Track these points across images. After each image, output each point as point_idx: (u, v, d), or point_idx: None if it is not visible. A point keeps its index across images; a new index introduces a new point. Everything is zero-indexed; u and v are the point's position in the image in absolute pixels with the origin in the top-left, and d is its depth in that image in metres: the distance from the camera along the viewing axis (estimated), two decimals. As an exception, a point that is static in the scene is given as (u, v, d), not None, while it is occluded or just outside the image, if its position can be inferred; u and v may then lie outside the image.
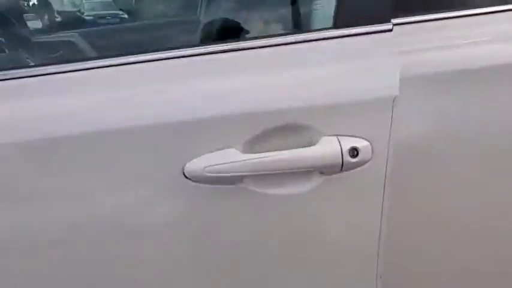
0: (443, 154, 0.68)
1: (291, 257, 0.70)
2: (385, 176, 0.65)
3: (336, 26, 0.66)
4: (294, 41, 0.66)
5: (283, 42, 0.67)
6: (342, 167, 0.63)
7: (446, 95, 0.66)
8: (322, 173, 0.65)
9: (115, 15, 2.29)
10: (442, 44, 0.67)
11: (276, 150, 0.64)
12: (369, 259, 0.69)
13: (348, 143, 0.63)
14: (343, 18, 0.66)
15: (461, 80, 0.66)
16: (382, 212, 0.66)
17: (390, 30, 0.65)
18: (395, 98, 0.63)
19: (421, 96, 0.66)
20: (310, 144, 0.64)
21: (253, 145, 0.64)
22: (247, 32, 0.89)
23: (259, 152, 0.63)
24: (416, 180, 0.68)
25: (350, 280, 0.72)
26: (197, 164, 0.62)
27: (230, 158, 0.63)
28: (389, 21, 0.66)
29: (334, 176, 0.65)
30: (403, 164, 0.65)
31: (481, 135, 0.68)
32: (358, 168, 0.64)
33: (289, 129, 0.64)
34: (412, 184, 0.68)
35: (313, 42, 0.66)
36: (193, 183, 0.63)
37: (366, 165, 0.64)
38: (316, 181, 0.65)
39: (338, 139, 0.63)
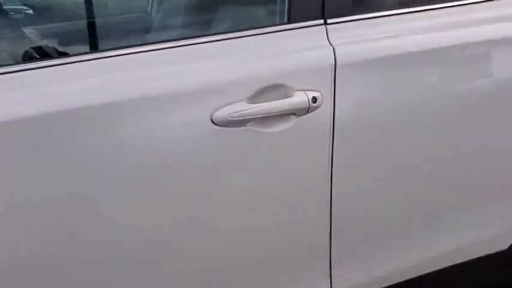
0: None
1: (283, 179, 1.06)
2: (333, 115, 1.05)
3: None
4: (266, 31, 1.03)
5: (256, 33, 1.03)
6: (308, 109, 1.01)
7: (369, 73, 1.09)
8: (294, 114, 1.02)
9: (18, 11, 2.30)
10: (363, 39, 1.10)
11: (266, 101, 0.99)
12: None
13: (310, 94, 1.02)
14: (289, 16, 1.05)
15: (378, 63, 1.09)
16: (331, 136, 1.06)
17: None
18: (334, 65, 1.03)
19: (352, 73, 1.07)
20: (287, 96, 1.01)
21: (254, 99, 0.98)
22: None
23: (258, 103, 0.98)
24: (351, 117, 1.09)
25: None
26: (221, 113, 0.95)
27: (241, 107, 0.96)
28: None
29: (302, 116, 1.02)
30: (341, 108, 1.06)
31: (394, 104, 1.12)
32: (317, 110, 1.03)
33: (274, 87, 1.00)
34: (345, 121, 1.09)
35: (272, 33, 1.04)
36: (218, 127, 0.95)
37: (320, 108, 1.03)
38: (292, 121, 1.02)
39: (305, 92, 1.01)
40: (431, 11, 1.18)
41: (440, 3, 1.18)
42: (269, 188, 1.05)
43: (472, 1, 1.22)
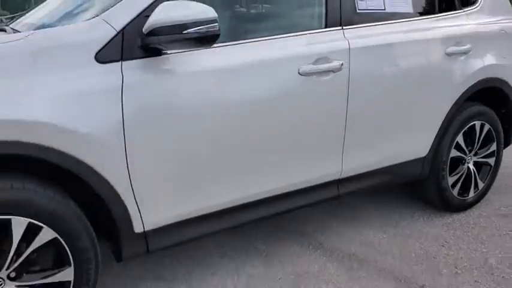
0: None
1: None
2: (349, 72, 2.13)
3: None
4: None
5: (313, 32, 2.09)
6: (339, 69, 2.09)
7: (365, 54, 2.19)
8: (333, 71, 2.08)
9: None
10: (362, 36, 2.21)
11: (321, 65, 2.05)
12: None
13: (340, 62, 2.09)
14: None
15: (368, 49, 2.20)
16: (348, 83, 2.14)
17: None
18: (348, 49, 2.11)
19: (357, 53, 2.16)
20: (329, 63, 2.07)
21: (316, 63, 2.03)
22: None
23: (318, 65, 2.04)
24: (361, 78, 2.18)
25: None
26: (302, 69, 1.98)
27: (311, 67, 2.01)
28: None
29: (337, 72, 2.09)
30: (352, 70, 2.14)
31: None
32: (342, 70, 2.10)
33: (324, 58, 2.05)
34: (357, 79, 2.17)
35: (319, 33, 2.11)
36: (302, 77, 1.99)
37: (343, 69, 2.11)
38: (332, 74, 2.08)
39: (338, 61, 2.08)
40: (390, 24, 2.33)
41: (396, 19, 2.34)
42: (317, 108, 2.11)
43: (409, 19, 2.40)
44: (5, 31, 1.83)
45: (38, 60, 1.51)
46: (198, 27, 1.57)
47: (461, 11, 2.74)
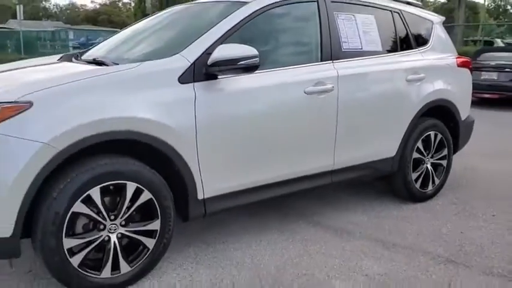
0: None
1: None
2: (338, 93, 3.03)
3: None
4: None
5: (311, 64, 3.01)
6: (331, 90, 2.99)
7: (348, 80, 3.11)
8: (327, 91, 2.98)
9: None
10: (346, 67, 3.15)
11: (317, 87, 2.95)
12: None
13: (331, 85, 2.99)
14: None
15: (350, 77, 3.12)
16: (337, 101, 3.04)
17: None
18: (337, 76, 3.02)
19: (343, 79, 3.07)
20: (324, 85, 2.97)
21: (315, 85, 2.93)
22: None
23: (315, 87, 2.94)
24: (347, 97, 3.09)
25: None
26: (308, 89, 2.88)
27: (312, 88, 2.91)
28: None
29: (329, 92, 2.99)
30: (340, 91, 3.05)
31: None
32: (333, 91, 3.01)
33: (319, 82, 2.96)
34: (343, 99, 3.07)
35: (317, 66, 3.04)
36: (307, 95, 2.88)
37: (334, 90, 3.01)
38: (325, 94, 2.98)
39: (330, 85, 2.99)
40: (366, 59, 3.27)
41: (370, 55, 3.28)
42: (317, 117, 2.99)
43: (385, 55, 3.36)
44: (107, 64, 2.65)
45: (144, 81, 2.35)
46: (245, 61, 2.45)
47: (417, 49, 3.73)
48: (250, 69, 2.50)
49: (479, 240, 3.08)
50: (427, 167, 3.80)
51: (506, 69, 9.41)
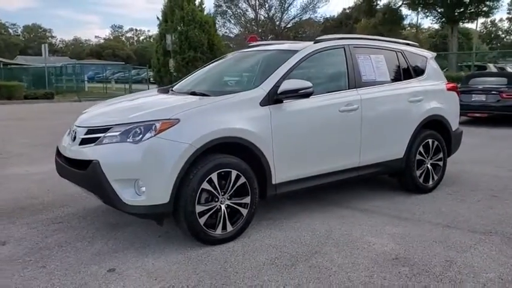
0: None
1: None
2: (361, 110, 4.29)
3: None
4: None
5: (336, 91, 4.30)
6: (357, 109, 4.26)
7: (369, 103, 4.38)
8: (354, 110, 4.25)
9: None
10: (367, 93, 4.43)
11: (348, 107, 4.22)
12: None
13: (358, 105, 4.26)
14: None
15: (371, 100, 4.40)
16: (361, 116, 4.29)
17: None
18: (361, 100, 4.29)
19: (365, 102, 4.34)
20: (353, 106, 4.24)
21: (346, 105, 4.20)
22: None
23: (347, 107, 4.21)
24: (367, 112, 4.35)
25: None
26: (341, 108, 4.14)
27: (344, 107, 4.18)
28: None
29: (355, 111, 4.26)
30: (363, 109, 4.31)
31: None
32: (358, 109, 4.27)
33: (349, 104, 4.23)
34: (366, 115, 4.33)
35: (340, 93, 4.31)
36: (341, 113, 4.14)
37: (359, 108, 4.27)
38: (354, 111, 4.24)
39: (357, 105, 4.26)
40: (379, 86, 4.56)
41: (382, 84, 4.57)
42: (347, 128, 4.24)
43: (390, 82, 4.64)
44: (208, 95, 3.89)
45: (241, 105, 3.62)
46: (303, 90, 3.72)
47: (416, 78, 5.02)
48: (306, 95, 3.77)
49: (468, 214, 4.28)
50: (427, 167, 5.02)
51: (493, 92, 10.77)
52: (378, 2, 38.06)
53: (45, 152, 7.38)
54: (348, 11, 43.05)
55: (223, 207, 3.50)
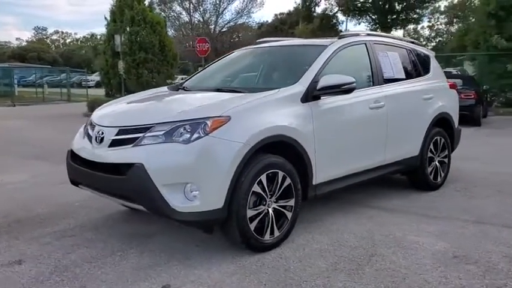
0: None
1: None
2: (386, 110, 4.23)
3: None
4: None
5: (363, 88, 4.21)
6: (383, 106, 4.19)
7: (390, 100, 4.32)
8: (381, 107, 4.17)
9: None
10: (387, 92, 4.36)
11: (376, 104, 4.14)
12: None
13: (383, 102, 4.19)
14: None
15: (390, 97, 4.34)
16: (387, 112, 4.23)
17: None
18: (386, 96, 4.23)
19: (388, 99, 4.29)
20: (380, 103, 4.16)
21: (374, 103, 4.11)
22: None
23: (374, 104, 4.12)
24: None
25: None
26: (371, 105, 4.05)
27: (373, 104, 4.09)
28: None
29: (382, 108, 4.18)
30: (387, 106, 4.25)
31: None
32: (384, 106, 4.20)
33: (377, 101, 4.15)
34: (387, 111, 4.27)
35: (365, 90, 4.23)
36: (370, 109, 4.05)
37: (385, 106, 4.20)
38: (380, 108, 4.16)
39: (383, 102, 4.18)
40: (398, 84, 4.52)
41: (399, 81, 4.54)
42: (377, 124, 4.16)
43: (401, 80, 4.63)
44: (240, 92, 3.61)
45: (283, 101, 3.39)
46: (346, 86, 3.57)
47: (424, 76, 5.06)
48: (349, 91, 3.62)
49: (491, 209, 4.33)
50: (436, 164, 5.07)
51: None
52: (316, 8, 39.55)
53: (6, 160, 6.66)
54: (279, 17, 43.69)
55: (270, 210, 3.25)
